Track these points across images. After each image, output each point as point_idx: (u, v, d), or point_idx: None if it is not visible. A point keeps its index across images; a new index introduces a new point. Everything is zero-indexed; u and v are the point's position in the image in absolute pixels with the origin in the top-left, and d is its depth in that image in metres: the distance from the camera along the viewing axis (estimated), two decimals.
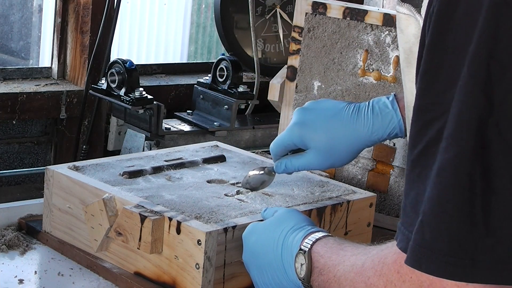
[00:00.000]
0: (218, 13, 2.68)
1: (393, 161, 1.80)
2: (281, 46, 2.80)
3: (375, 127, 1.46)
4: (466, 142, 0.92)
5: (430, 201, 0.95)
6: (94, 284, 1.41)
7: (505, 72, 0.91)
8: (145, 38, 3.30)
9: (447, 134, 0.94)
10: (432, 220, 0.95)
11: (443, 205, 0.94)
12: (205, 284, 1.33)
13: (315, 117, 1.48)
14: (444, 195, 0.94)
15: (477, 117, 0.92)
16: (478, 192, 0.92)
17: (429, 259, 0.95)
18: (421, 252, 0.96)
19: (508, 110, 0.92)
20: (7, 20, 2.54)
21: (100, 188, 1.46)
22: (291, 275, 1.26)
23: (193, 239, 1.33)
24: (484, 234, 0.92)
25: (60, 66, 2.38)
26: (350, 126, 1.46)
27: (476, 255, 0.93)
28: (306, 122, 1.48)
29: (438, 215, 0.94)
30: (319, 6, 1.89)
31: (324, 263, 1.20)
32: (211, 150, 1.77)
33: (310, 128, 1.47)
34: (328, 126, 1.46)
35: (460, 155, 0.93)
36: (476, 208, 0.92)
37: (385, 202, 1.81)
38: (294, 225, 1.29)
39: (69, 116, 2.30)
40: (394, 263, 1.01)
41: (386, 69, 1.81)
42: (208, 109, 2.29)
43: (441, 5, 0.96)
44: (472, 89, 0.92)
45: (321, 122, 1.47)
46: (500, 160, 0.92)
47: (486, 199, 0.92)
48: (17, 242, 1.51)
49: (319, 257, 1.21)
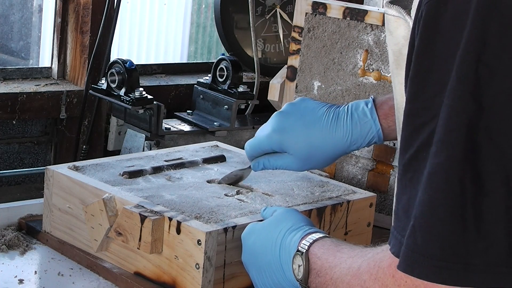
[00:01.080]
0: (218, 13, 2.68)
1: (393, 161, 1.80)
2: (281, 46, 2.80)
3: (353, 137, 1.47)
4: (456, 146, 0.92)
5: (421, 205, 0.95)
6: (94, 284, 1.41)
7: (493, 75, 0.91)
8: (145, 38, 3.30)
9: (437, 139, 0.94)
10: (423, 224, 0.94)
11: (434, 210, 0.93)
12: (205, 284, 1.33)
13: (294, 122, 1.49)
14: (435, 200, 0.93)
15: (467, 121, 0.92)
16: (469, 196, 0.92)
17: (421, 264, 0.95)
18: (414, 257, 0.95)
19: (498, 113, 0.91)
20: (7, 20, 2.54)
21: (100, 188, 1.46)
22: (289, 276, 1.26)
23: (193, 239, 1.33)
24: (476, 238, 0.92)
25: (60, 66, 2.38)
26: (329, 135, 1.47)
27: (469, 259, 0.93)
28: (285, 128, 1.49)
29: (429, 219, 0.94)
30: (319, 6, 1.89)
31: (321, 265, 1.20)
32: (211, 150, 1.77)
33: (289, 134, 1.48)
34: (307, 133, 1.48)
35: (450, 159, 0.93)
36: (467, 212, 0.92)
37: (385, 202, 1.81)
38: (292, 225, 1.29)
39: (69, 116, 2.30)
40: (389, 267, 1.01)
41: (386, 69, 1.81)
42: (208, 109, 2.29)
43: (429, 8, 0.96)
44: (461, 93, 0.92)
45: (300, 128, 1.48)
46: (491, 164, 0.92)
47: (478, 203, 0.92)
48: (17, 242, 1.51)
49: (316, 259, 1.21)
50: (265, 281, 1.30)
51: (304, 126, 1.48)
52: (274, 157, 1.51)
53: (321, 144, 1.47)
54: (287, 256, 1.26)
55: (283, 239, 1.28)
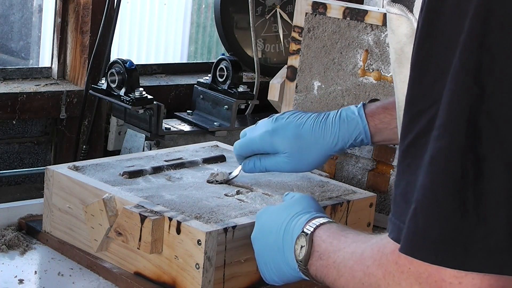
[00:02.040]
0: (218, 13, 2.68)
1: (393, 161, 1.80)
2: (281, 46, 2.80)
3: (341, 132, 1.53)
4: (458, 131, 0.92)
5: (422, 189, 0.95)
6: (94, 284, 1.41)
7: (496, 61, 0.91)
8: (145, 38, 3.30)
9: (439, 123, 0.94)
10: (425, 208, 0.94)
11: (435, 193, 0.94)
12: (205, 284, 1.33)
13: (286, 123, 1.54)
14: (437, 184, 0.93)
15: (469, 106, 0.92)
16: (470, 181, 0.92)
17: (422, 247, 0.95)
18: (415, 240, 0.95)
19: (500, 98, 0.91)
20: (7, 20, 2.54)
21: (100, 188, 1.46)
22: (289, 256, 1.26)
23: (193, 239, 1.33)
24: (476, 223, 0.92)
25: (60, 66, 2.38)
26: (318, 133, 1.53)
27: (469, 244, 0.92)
28: (277, 129, 1.54)
29: (431, 203, 0.94)
30: (319, 6, 1.89)
31: (325, 248, 1.20)
32: (211, 150, 1.77)
33: (281, 135, 1.54)
34: (298, 132, 1.53)
35: (452, 143, 0.93)
36: (468, 196, 0.92)
37: (385, 202, 1.81)
38: (302, 210, 1.30)
39: (69, 116, 2.30)
40: (392, 254, 1.01)
41: (386, 69, 1.81)
42: (208, 109, 2.29)
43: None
44: (463, 78, 0.92)
45: (291, 128, 1.54)
46: (492, 149, 0.92)
47: (478, 188, 0.92)
48: (17, 242, 1.51)
49: (321, 241, 1.21)
50: (266, 260, 1.31)
51: (296, 126, 1.54)
52: (264, 158, 1.56)
53: (311, 142, 1.53)
54: (290, 237, 1.27)
55: (289, 221, 1.29)
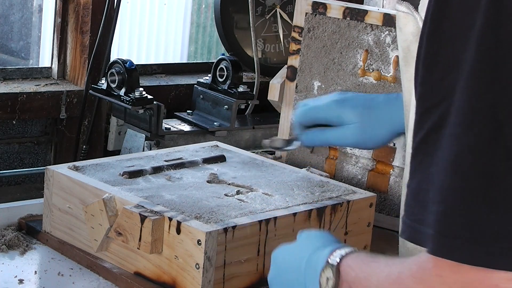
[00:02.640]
0: (218, 13, 2.68)
1: (393, 161, 1.80)
2: (281, 46, 2.80)
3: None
4: (482, 128, 0.91)
5: (451, 190, 0.93)
6: (94, 284, 1.41)
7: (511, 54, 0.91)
8: (145, 38, 3.30)
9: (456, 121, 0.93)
10: (457, 209, 0.92)
11: (468, 194, 0.92)
12: (205, 284, 1.33)
13: (355, 95, 1.47)
14: (465, 183, 0.92)
15: (490, 102, 0.91)
16: (499, 179, 0.91)
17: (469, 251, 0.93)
18: (456, 245, 0.93)
19: None
20: (7, 20, 2.54)
21: (100, 188, 1.46)
22: None
23: (193, 239, 1.33)
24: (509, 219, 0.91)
25: (60, 66, 2.38)
26: (393, 108, 1.44)
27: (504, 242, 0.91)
28: (347, 99, 1.47)
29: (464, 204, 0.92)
30: (319, 6, 1.89)
31: (355, 275, 1.14)
32: (211, 150, 1.77)
33: (351, 105, 1.45)
34: (371, 104, 1.45)
35: (478, 141, 0.91)
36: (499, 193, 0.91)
37: (385, 202, 1.81)
38: (322, 244, 1.22)
39: (69, 116, 2.30)
40: (436, 268, 0.98)
41: (386, 69, 1.81)
42: (208, 109, 2.29)
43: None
44: (482, 74, 0.92)
45: (363, 100, 1.46)
46: None
47: (508, 183, 0.91)
48: (17, 242, 1.51)
49: (350, 270, 1.15)
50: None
51: (366, 98, 1.46)
52: (328, 129, 1.47)
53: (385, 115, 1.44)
54: (313, 272, 1.19)
55: (310, 256, 1.21)
